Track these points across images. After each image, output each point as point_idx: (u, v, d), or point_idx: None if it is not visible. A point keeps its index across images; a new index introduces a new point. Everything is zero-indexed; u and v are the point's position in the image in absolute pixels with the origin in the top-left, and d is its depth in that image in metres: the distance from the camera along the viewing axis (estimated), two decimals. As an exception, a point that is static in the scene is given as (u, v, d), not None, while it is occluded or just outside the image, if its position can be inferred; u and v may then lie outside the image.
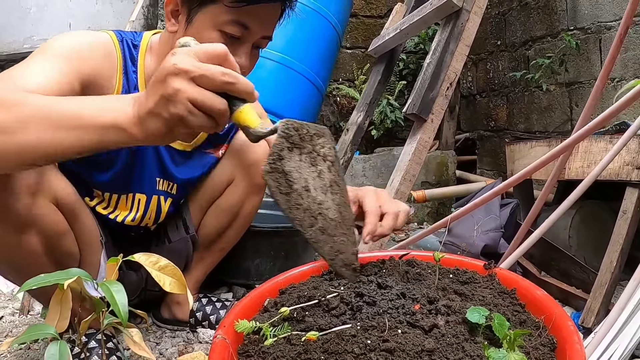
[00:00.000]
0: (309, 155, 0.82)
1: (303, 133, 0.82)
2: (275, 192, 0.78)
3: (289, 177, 0.78)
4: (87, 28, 3.57)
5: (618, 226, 1.62)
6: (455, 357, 0.78)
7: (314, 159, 0.82)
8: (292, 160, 0.79)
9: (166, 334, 1.69)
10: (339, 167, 0.87)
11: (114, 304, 0.78)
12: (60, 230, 1.28)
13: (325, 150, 0.84)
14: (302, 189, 0.80)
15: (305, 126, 0.83)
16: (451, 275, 1.07)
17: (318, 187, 0.82)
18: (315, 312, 0.96)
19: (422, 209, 3.43)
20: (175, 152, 1.49)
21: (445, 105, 1.85)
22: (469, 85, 4.28)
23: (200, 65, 0.82)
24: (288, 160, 0.79)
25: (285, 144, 0.79)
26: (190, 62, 0.82)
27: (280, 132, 0.80)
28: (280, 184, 0.78)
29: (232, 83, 0.83)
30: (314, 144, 0.83)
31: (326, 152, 0.84)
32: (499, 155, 3.81)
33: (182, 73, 0.81)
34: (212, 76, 0.82)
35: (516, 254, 1.56)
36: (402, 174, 1.74)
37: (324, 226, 0.83)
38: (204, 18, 1.23)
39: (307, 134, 0.82)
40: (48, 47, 1.20)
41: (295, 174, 0.79)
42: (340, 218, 0.84)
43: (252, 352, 0.88)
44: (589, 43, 2.90)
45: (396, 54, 2.75)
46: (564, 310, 0.94)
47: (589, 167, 1.87)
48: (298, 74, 3.22)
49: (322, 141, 0.84)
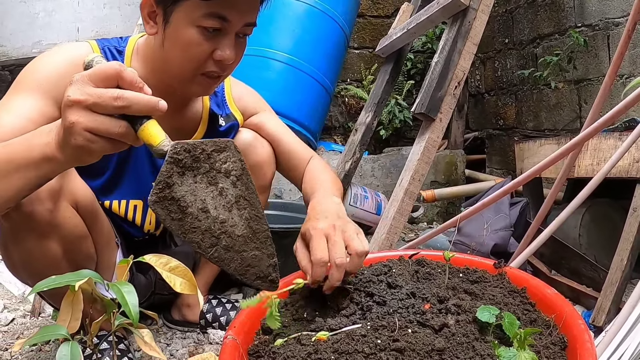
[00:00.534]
0: (206, 175, 0.79)
1: (197, 153, 0.79)
2: (165, 220, 0.76)
3: (181, 202, 0.76)
4: (95, 32, 3.60)
5: (628, 224, 1.61)
6: (465, 357, 0.78)
7: (213, 178, 0.80)
8: (185, 185, 0.77)
9: (177, 335, 1.70)
10: (247, 179, 0.84)
11: (124, 304, 0.78)
12: (81, 234, 1.29)
13: (228, 165, 0.81)
14: (199, 211, 0.77)
15: (200, 145, 0.80)
16: (461, 274, 1.07)
17: (220, 206, 0.79)
18: (325, 313, 0.97)
19: (431, 209, 3.43)
20: None
21: (453, 104, 1.84)
22: (477, 84, 4.27)
23: (92, 92, 0.81)
24: (179, 185, 0.77)
25: (174, 169, 0.77)
26: (82, 91, 0.81)
27: (167, 158, 0.78)
28: (171, 211, 0.76)
29: (125, 107, 0.82)
30: (212, 162, 0.80)
31: (229, 167, 0.81)
32: (508, 154, 3.79)
33: (75, 104, 0.81)
34: (104, 103, 0.81)
35: (526, 252, 1.56)
36: (411, 174, 1.73)
37: (229, 244, 0.81)
38: (180, 16, 1.20)
39: (202, 153, 0.80)
40: (23, 79, 1.22)
41: (189, 198, 0.77)
42: (250, 232, 0.81)
43: (263, 353, 0.88)
44: (597, 40, 2.88)
45: (404, 53, 2.74)
46: (574, 309, 0.94)
47: (599, 165, 1.86)
48: (306, 75, 3.22)
49: (223, 156, 0.81)
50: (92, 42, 1.35)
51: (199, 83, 1.29)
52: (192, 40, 1.21)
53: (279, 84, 3.12)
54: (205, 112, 1.51)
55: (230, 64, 1.28)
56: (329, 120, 4.26)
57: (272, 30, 3.22)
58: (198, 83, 1.28)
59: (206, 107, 1.51)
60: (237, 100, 1.59)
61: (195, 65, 1.24)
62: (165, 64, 1.29)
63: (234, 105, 1.58)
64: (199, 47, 1.21)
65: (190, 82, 1.28)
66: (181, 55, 1.24)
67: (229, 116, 1.55)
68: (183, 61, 1.24)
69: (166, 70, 1.30)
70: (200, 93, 1.38)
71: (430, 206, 3.40)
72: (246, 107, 1.60)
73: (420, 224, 3.33)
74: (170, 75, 1.29)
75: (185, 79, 1.28)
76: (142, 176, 1.45)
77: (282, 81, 3.15)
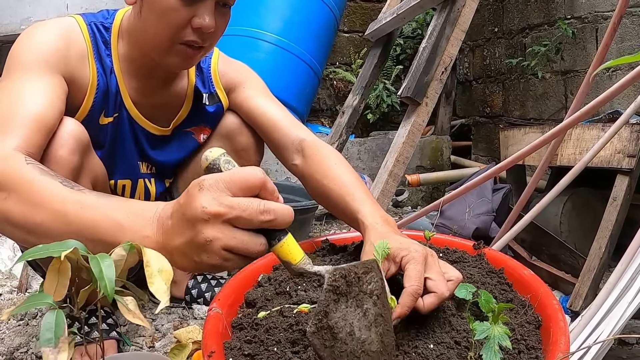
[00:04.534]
0: (355, 299, 0.73)
1: (350, 278, 0.72)
2: (319, 349, 0.70)
3: (335, 329, 0.70)
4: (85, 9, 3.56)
5: (608, 213, 1.63)
6: (442, 331, 0.80)
7: (361, 300, 0.74)
8: (339, 311, 0.71)
9: (162, 310, 1.71)
10: (384, 296, 0.78)
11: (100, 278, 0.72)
12: None
13: (372, 285, 0.75)
14: (347, 335, 0.72)
15: (352, 269, 0.73)
16: (441, 254, 1.09)
17: (363, 327, 0.73)
18: (308, 287, 0.99)
19: (416, 193, 3.46)
20: (154, 137, 1.46)
21: (439, 89, 1.86)
22: (465, 71, 4.28)
23: (234, 204, 0.70)
24: (334, 312, 0.70)
25: (331, 297, 0.70)
26: (220, 202, 0.70)
27: (327, 286, 0.70)
28: (326, 340, 0.70)
29: (272, 221, 0.72)
30: (361, 284, 0.74)
31: (373, 287, 0.75)
32: (494, 141, 3.82)
33: (213, 217, 0.70)
34: (250, 217, 0.71)
35: (507, 237, 1.58)
36: (395, 156, 1.75)
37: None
38: None
39: (354, 277, 0.73)
40: (20, 60, 1.17)
41: (340, 323, 0.71)
42: (382, 347, 0.75)
43: (246, 325, 0.90)
44: (586, 32, 2.90)
45: (393, 38, 2.75)
46: (549, 290, 0.97)
47: (581, 154, 1.88)
48: (295, 56, 3.21)
49: (369, 278, 0.75)
50: (77, 17, 1.30)
51: (178, 53, 1.24)
52: (168, 6, 1.16)
53: (267, 65, 3.11)
54: (190, 89, 1.47)
55: (211, 34, 1.23)
56: (316, 103, 4.26)
57: (261, 10, 3.20)
58: (177, 53, 1.24)
59: (191, 84, 1.48)
60: (222, 75, 1.51)
61: (173, 32, 1.19)
62: (144, 33, 1.25)
63: (219, 82, 1.51)
64: (176, 13, 1.17)
65: (168, 51, 1.24)
66: (158, 22, 1.20)
67: (213, 95, 1.49)
68: (160, 28, 1.20)
69: (145, 39, 1.26)
70: (180, 65, 1.30)
71: (415, 190, 3.43)
72: (229, 81, 1.51)
73: (404, 207, 3.36)
74: (149, 45, 1.26)
75: (163, 49, 1.23)
76: (128, 156, 1.44)
77: (270, 62, 3.14)
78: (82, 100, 1.28)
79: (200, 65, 1.49)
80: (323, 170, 1.27)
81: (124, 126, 1.39)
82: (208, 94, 1.48)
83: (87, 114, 1.29)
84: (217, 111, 1.51)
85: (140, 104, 1.39)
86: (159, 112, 1.44)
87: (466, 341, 0.81)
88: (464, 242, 1.16)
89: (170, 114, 1.46)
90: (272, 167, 3.15)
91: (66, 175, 1.12)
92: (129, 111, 1.38)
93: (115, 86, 1.34)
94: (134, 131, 1.41)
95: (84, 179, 1.23)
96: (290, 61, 3.20)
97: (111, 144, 1.38)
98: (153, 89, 1.39)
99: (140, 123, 1.41)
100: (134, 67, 1.35)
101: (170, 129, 1.48)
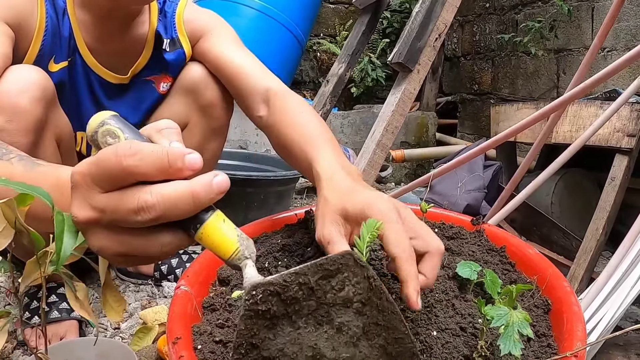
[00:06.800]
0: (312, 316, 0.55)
1: (291, 294, 0.53)
2: None
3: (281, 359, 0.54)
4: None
5: (605, 193, 1.58)
6: (445, 315, 0.70)
7: (326, 313, 0.55)
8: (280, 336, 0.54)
9: (130, 288, 1.61)
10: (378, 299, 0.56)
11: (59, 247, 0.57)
12: None
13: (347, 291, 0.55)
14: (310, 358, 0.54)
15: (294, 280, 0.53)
16: (436, 229, 0.99)
17: (341, 344, 0.55)
18: (289, 263, 0.88)
19: (399, 169, 3.38)
20: (111, 86, 1.33)
21: (432, 56, 1.75)
22: (454, 47, 4.18)
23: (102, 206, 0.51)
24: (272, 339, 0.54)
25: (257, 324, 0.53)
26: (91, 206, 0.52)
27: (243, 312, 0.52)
28: None
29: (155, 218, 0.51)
30: (319, 295, 0.54)
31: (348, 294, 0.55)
32: (481, 119, 3.76)
33: (88, 226, 0.54)
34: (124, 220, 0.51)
35: (498, 216, 1.50)
36: (384, 125, 1.64)
37: None
38: None
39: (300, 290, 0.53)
40: None
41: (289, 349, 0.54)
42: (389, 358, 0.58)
43: (218, 306, 0.79)
44: (582, 10, 2.83)
45: (381, 6, 2.63)
46: (558, 270, 0.87)
47: (577, 132, 1.82)
48: (279, 23, 3.09)
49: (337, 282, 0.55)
50: None
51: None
52: None
53: (249, 32, 2.96)
54: (151, 34, 1.34)
55: None
56: (299, 75, 4.15)
57: (244, -27, 3.06)
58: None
59: (152, 29, 1.34)
60: (187, 22, 1.36)
61: None
62: None
63: (183, 29, 1.36)
64: None
65: None
66: None
67: (174, 41, 1.35)
68: None
69: None
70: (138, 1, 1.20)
71: (399, 167, 3.35)
72: (195, 29, 1.36)
73: (388, 184, 3.27)
74: None
75: None
76: (82, 106, 1.31)
77: (252, 29, 3.00)
78: (29, 45, 1.16)
79: (165, 9, 1.36)
80: (287, 120, 1.11)
81: (78, 74, 1.27)
82: (169, 39, 1.35)
83: (34, 60, 1.17)
84: (178, 58, 1.37)
85: (97, 50, 1.27)
86: (117, 59, 1.31)
87: (472, 327, 0.70)
88: (460, 217, 1.05)
89: (129, 61, 1.33)
90: (252, 139, 3.03)
91: (27, 126, 1.04)
92: (84, 57, 1.25)
93: (68, 29, 1.21)
94: (89, 79, 1.29)
95: (48, 134, 1.13)
96: (274, 28, 3.08)
97: (63, 93, 1.24)
98: (111, 33, 1.27)
99: (95, 70, 1.28)
100: (90, 7, 1.22)
101: (128, 77, 1.35)
